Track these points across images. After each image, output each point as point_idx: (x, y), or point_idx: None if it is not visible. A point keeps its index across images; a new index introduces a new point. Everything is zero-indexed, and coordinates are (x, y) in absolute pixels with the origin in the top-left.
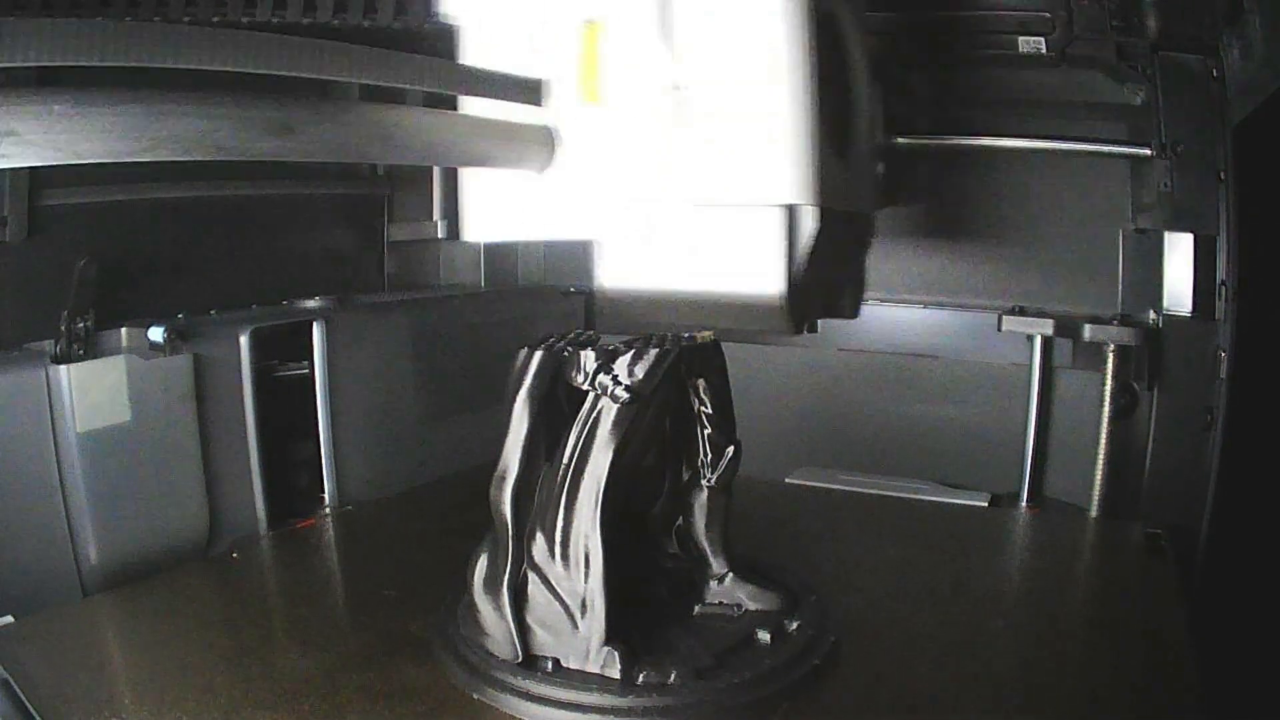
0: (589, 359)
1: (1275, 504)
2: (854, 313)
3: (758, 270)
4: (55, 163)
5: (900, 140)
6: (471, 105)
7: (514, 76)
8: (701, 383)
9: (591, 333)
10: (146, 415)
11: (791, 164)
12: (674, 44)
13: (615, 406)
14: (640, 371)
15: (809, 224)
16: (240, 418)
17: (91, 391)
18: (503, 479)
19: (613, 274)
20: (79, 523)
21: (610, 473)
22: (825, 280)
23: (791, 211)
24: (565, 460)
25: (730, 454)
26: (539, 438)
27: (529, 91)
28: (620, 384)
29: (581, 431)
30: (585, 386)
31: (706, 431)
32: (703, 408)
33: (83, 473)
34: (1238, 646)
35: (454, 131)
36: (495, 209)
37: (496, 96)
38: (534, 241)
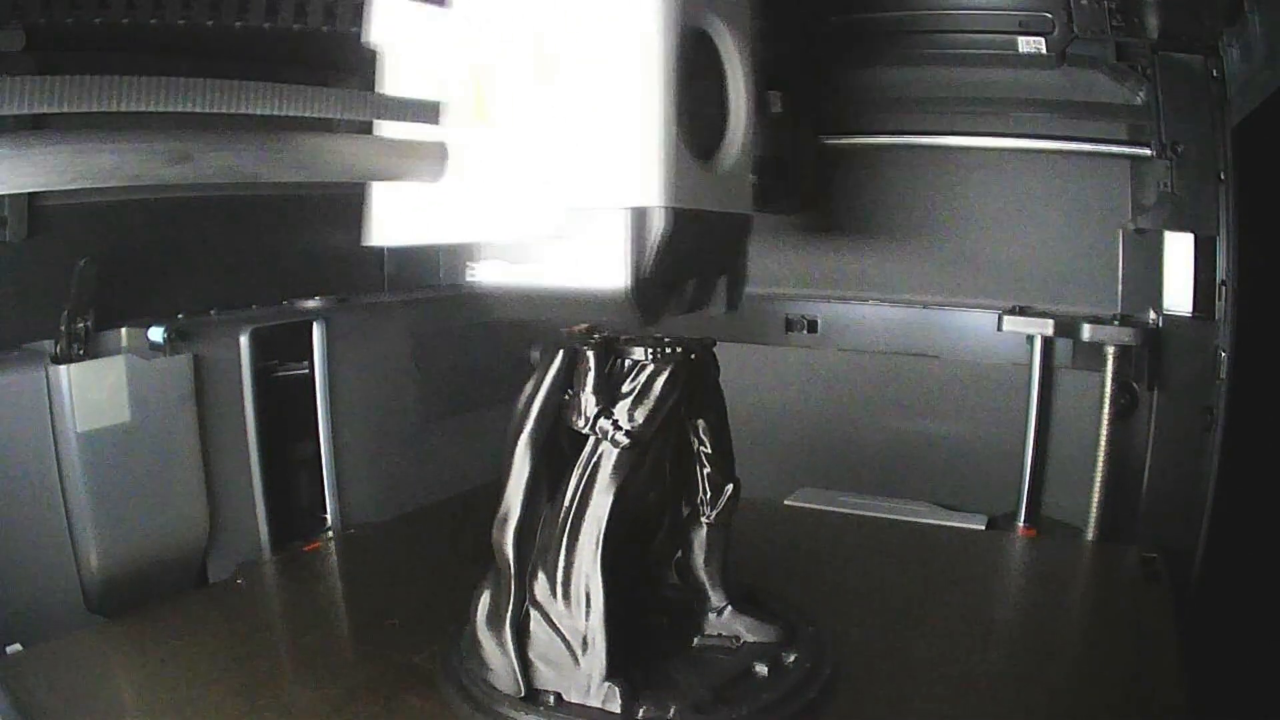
0: (589, 403)
1: (1276, 511)
2: (733, 306)
3: (608, 267)
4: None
5: (899, 140)
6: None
7: (415, 100)
8: (701, 423)
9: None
10: (146, 415)
11: (642, 168)
12: (541, 60)
13: (616, 451)
14: (640, 416)
15: (658, 224)
16: (240, 418)
17: (91, 391)
18: (505, 520)
19: (487, 271)
20: (79, 522)
21: (611, 515)
22: (685, 276)
23: (641, 212)
24: (567, 503)
25: (729, 492)
26: (540, 480)
27: (428, 113)
28: (621, 429)
29: (583, 475)
30: (586, 430)
31: (706, 470)
32: (702, 448)
33: (83, 473)
34: (1232, 673)
35: (355, 151)
36: (397, 216)
37: (401, 119)
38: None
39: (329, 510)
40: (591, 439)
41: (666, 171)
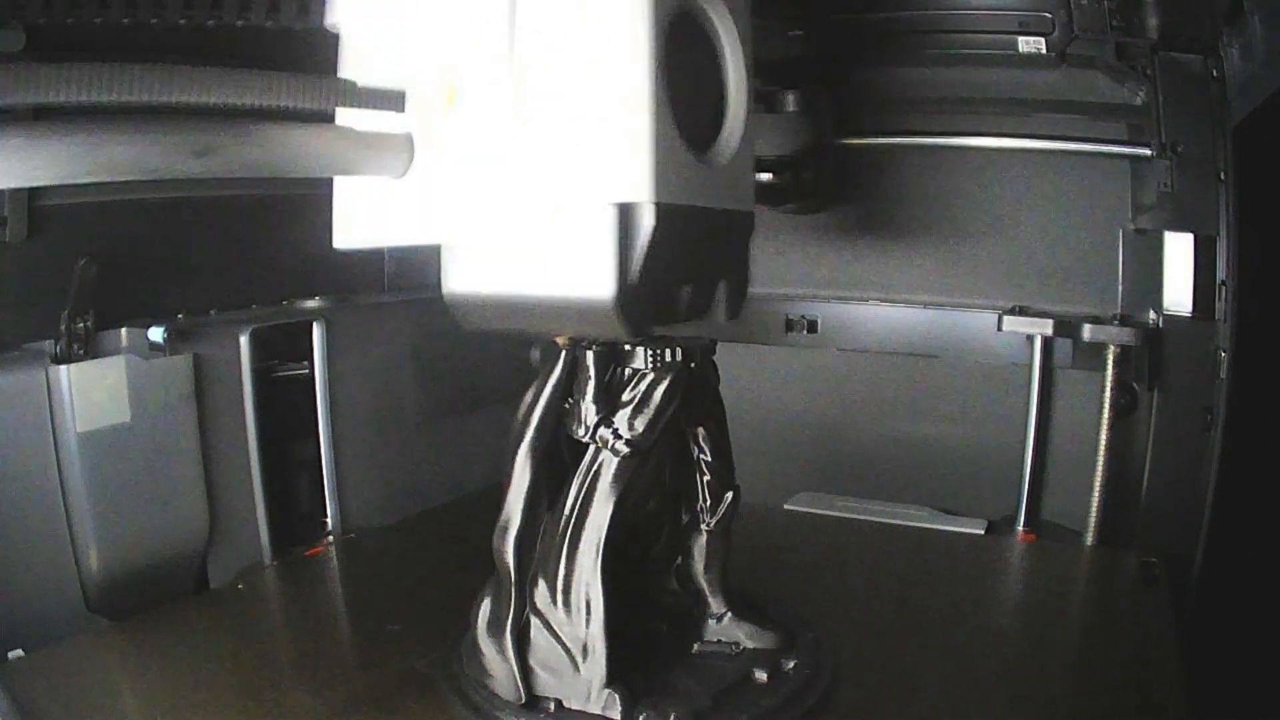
0: (590, 412)
1: (1276, 513)
2: (733, 315)
3: (591, 272)
4: (12, 186)
5: (899, 141)
6: (342, 114)
7: (379, 89)
8: (701, 431)
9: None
10: (146, 415)
11: (628, 160)
12: (518, 43)
13: (616, 459)
14: (640, 425)
15: (647, 223)
16: (240, 418)
17: (91, 391)
18: (505, 528)
19: (458, 278)
20: (79, 522)
21: (611, 523)
22: (678, 282)
23: (628, 210)
24: (567, 511)
25: (729, 499)
26: (541, 488)
27: (392, 101)
28: (621, 438)
29: (583, 484)
30: (586, 439)
31: (705, 478)
32: (702, 455)
33: (83, 473)
34: (1232, 676)
35: (311, 142)
36: (363, 216)
37: (364, 107)
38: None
39: (329, 513)
40: (591, 447)
41: (655, 164)
